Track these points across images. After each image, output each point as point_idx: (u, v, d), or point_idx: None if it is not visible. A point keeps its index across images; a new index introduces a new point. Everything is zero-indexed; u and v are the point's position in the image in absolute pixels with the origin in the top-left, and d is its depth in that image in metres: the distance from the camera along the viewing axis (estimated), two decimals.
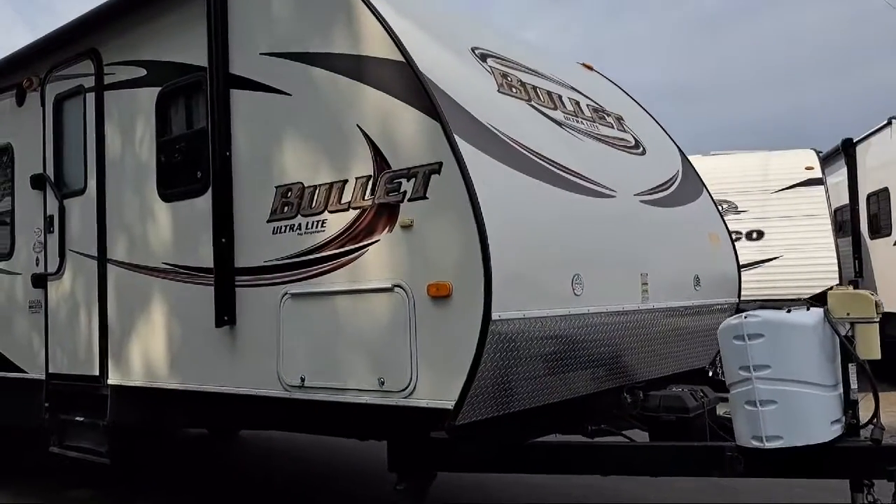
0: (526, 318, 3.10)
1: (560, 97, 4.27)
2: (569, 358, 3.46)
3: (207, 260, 4.05)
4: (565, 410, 3.68)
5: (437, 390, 3.05)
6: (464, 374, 2.95)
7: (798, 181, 10.06)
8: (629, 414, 4.03)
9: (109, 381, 4.67)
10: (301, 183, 3.63)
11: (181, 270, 4.22)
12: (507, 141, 3.40)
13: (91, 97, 4.91)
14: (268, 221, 3.77)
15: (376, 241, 3.31)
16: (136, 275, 4.51)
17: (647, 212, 4.22)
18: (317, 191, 3.55)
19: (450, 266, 3.04)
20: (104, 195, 4.79)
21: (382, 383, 3.23)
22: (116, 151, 4.73)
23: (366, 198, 3.35)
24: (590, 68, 5.51)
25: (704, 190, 5.11)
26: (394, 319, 3.21)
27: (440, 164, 3.08)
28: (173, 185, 4.41)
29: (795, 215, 9.76)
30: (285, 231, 3.68)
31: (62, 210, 5.06)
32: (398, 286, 3.20)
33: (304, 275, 3.59)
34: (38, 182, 5.27)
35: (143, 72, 4.56)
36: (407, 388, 3.15)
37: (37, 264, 5.30)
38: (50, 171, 5.20)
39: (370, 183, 3.34)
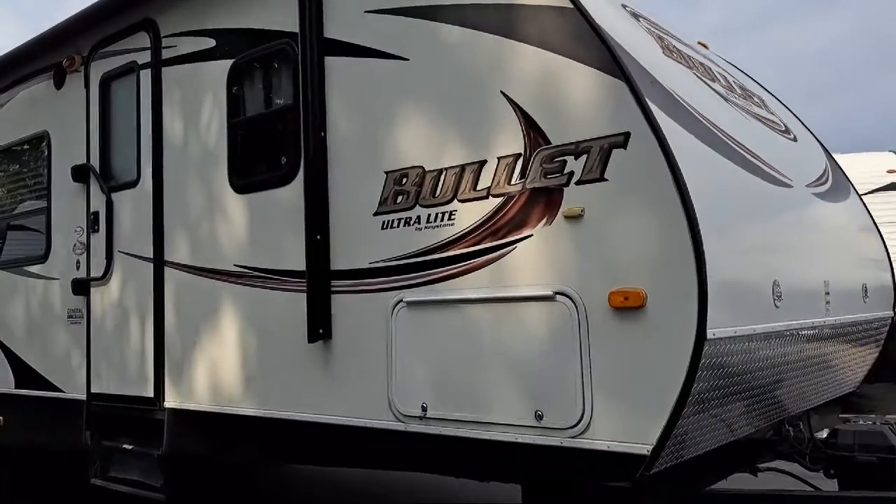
0: (737, 337, 2.41)
1: (710, 69, 3.59)
2: (762, 384, 2.77)
3: (294, 261, 3.38)
4: (735, 448, 2.98)
5: (625, 430, 2.36)
6: (667, 409, 2.25)
7: (880, 185, 9.34)
8: (798, 450, 3.34)
9: (166, 404, 3.99)
10: (421, 167, 2.95)
11: (259, 274, 3.55)
12: (694, 113, 2.72)
13: (146, 75, 4.25)
14: (375, 214, 3.09)
15: (528, 237, 2.62)
16: (202, 279, 3.83)
17: (820, 206, 3.53)
18: (443, 176, 2.88)
19: (643, 268, 2.35)
20: (161, 187, 4.13)
21: (540, 417, 2.54)
22: (177, 137, 4.07)
23: (513, 182, 2.67)
24: (705, 47, 4.83)
25: (851, 185, 4.41)
26: (556, 336, 2.52)
27: (626, 135, 2.40)
28: (249, 173, 3.75)
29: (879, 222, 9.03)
30: (399, 225, 3.01)
31: (110, 205, 4.40)
32: (562, 294, 2.51)
33: (425, 278, 2.91)
34: (80, 174, 4.61)
35: (210, 42, 3.90)
36: (576, 425, 2.46)
37: (77, 268, 4.64)
38: (95, 162, 4.55)
39: (519, 163, 2.66)
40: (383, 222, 3.06)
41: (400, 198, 3.01)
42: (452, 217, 2.83)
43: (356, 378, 3.13)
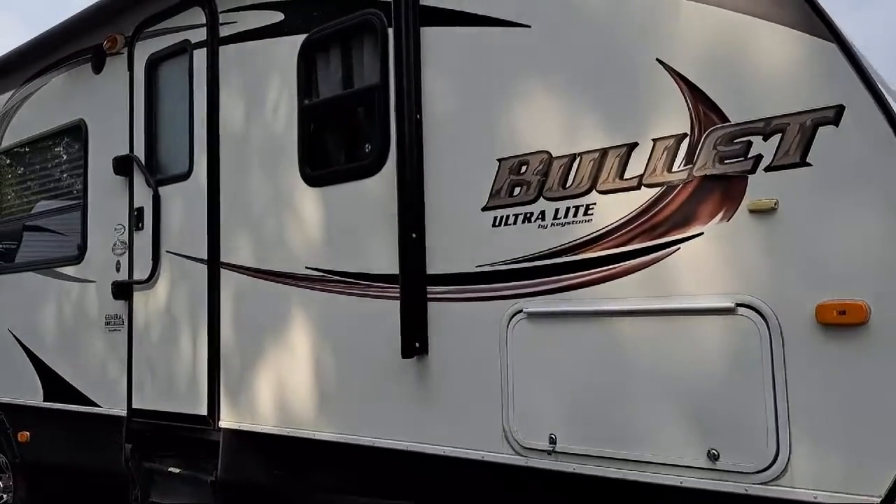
0: None
1: None
2: None
3: (382, 263, 2.92)
4: None
5: (839, 476, 1.88)
6: None
7: None
8: None
9: (222, 424, 3.54)
10: (546, 153, 2.49)
11: (337, 278, 3.09)
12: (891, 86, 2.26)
13: (200, 55, 3.82)
14: (485, 209, 2.63)
15: (696, 236, 2.16)
16: (266, 283, 3.38)
17: None
18: (576, 163, 2.41)
19: (864, 275, 1.88)
20: (217, 180, 3.68)
21: (715, 457, 2.07)
22: (237, 123, 3.63)
23: (675, 169, 2.21)
24: None
25: None
26: (737, 357, 2.05)
27: (838, 109, 1.94)
28: (324, 163, 3.30)
29: None
30: (516, 222, 2.54)
31: (156, 200, 3.95)
32: (747, 305, 2.04)
33: (552, 285, 2.44)
34: (122, 166, 4.17)
35: (278, 16, 3.46)
36: (768, 468, 1.99)
37: (117, 269, 4.20)
38: (139, 152, 4.11)
39: (684, 146, 2.19)
40: (495, 218, 2.60)
41: (517, 189, 2.55)
42: (590, 212, 2.37)
43: (460, 401, 2.66)
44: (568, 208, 2.42)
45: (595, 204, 2.36)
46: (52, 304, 4.68)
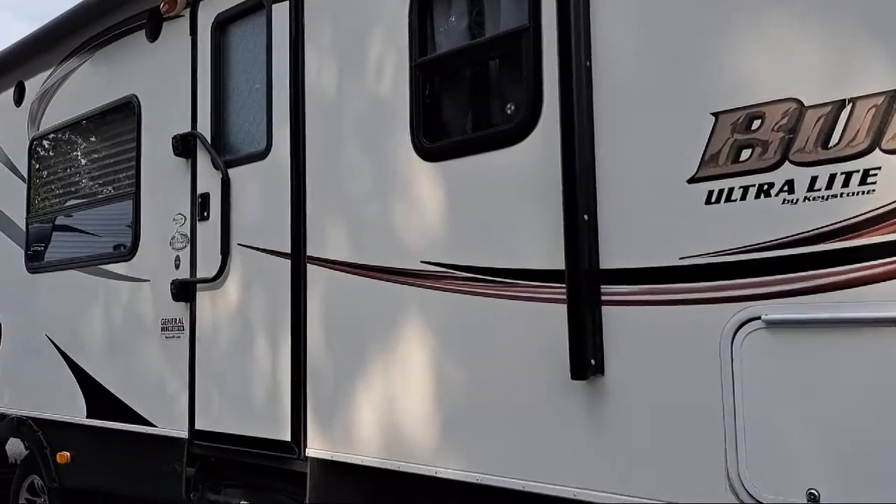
0: None
1: None
2: None
3: (532, 255, 2.27)
4: None
5: None
6: None
7: None
8: None
9: (310, 452, 2.90)
10: (795, 101, 1.82)
11: (467, 275, 2.45)
12: None
13: (281, 11, 3.19)
14: (692, 181, 1.97)
15: None
16: (368, 282, 2.74)
17: None
18: (845, 113, 1.75)
19: None
20: (302, 158, 3.05)
21: None
22: (327, 89, 3.00)
23: None
24: None
25: None
26: None
27: None
28: (445, 132, 2.67)
29: None
30: (745, 196, 1.88)
31: (226, 184, 3.34)
32: None
33: (806, 283, 1.77)
34: (183, 146, 3.57)
35: None
36: None
37: (177, 266, 3.60)
38: (205, 129, 3.50)
39: None
40: (710, 193, 1.94)
41: (746, 152, 1.89)
42: (870, 180, 1.70)
43: (655, 436, 2.00)
44: (833, 176, 1.75)
45: (879, 169, 1.69)
46: (97, 307, 4.09)
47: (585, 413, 2.13)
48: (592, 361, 2.09)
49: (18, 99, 4.90)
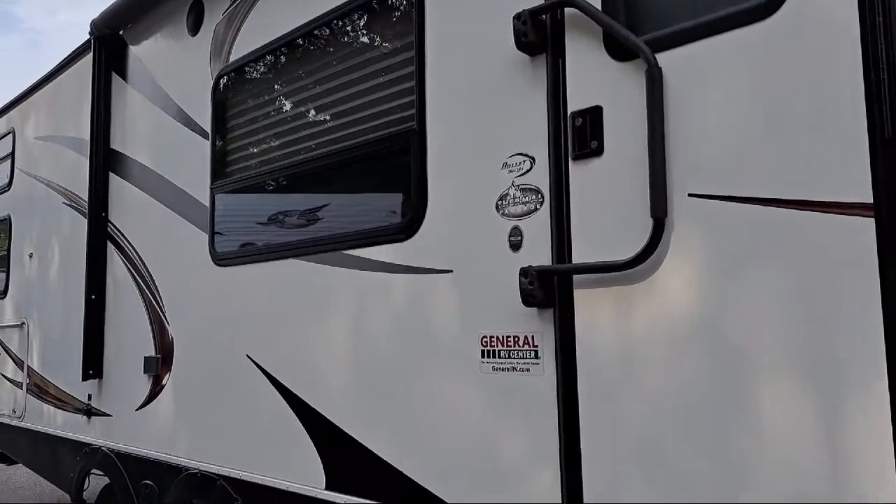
0: None
1: None
2: None
3: None
4: None
5: None
6: None
7: None
8: None
9: None
10: None
11: None
12: None
13: None
14: None
15: None
16: None
17: None
18: None
19: None
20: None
21: None
22: None
23: None
24: None
25: None
26: None
27: None
28: None
29: None
30: None
31: (655, 81, 1.79)
32: None
33: None
34: (539, 30, 2.04)
35: None
36: None
37: (514, 245, 2.07)
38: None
39: None
40: None
41: None
42: None
43: None
44: None
45: None
46: (340, 315, 2.62)
47: None
48: None
49: (194, 25, 3.53)
